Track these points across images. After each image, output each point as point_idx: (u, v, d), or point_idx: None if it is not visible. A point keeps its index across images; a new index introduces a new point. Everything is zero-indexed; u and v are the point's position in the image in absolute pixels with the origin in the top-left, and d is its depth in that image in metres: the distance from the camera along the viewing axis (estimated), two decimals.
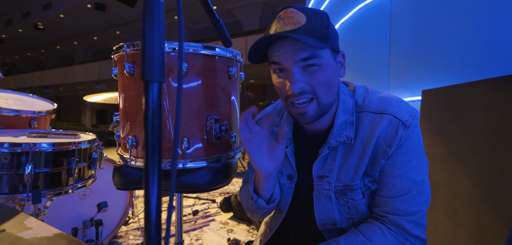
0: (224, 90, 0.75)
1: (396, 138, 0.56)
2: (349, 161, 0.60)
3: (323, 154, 0.62)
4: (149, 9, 0.32)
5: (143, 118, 0.32)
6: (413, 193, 0.57)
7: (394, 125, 0.57)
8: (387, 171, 0.58)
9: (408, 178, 0.57)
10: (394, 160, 0.58)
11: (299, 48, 0.55)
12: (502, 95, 0.81)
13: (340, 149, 0.62)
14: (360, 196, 0.60)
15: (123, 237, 1.77)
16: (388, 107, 0.59)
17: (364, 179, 0.60)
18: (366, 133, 0.59)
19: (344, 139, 0.60)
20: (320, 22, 0.56)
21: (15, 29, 13.82)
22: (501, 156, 0.80)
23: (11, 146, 0.82)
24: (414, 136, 0.58)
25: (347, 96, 0.64)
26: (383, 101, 0.60)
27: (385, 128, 0.58)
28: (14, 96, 1.43)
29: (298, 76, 0.56)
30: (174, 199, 1.09)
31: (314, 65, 0.56)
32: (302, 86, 0.56)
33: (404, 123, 0.57)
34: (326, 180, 0.62)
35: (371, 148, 0.58)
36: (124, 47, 0.71)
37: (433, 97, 1.20)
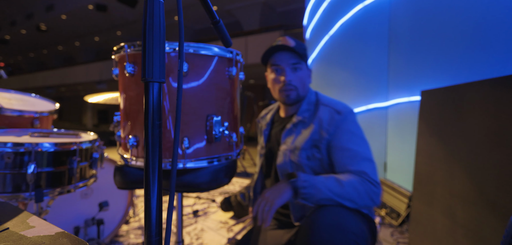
0: (224, 90, 0.76)
1: (333, 121, 0.89)
2: (303, 134, 0.92)
3: (289, 127, 0.96)
4: (149, 9, 0.33)
5: (144, 118, 0.33)
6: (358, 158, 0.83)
7: (331, 113, 0.91)
8: (337, 146, 0.86)
9: (354, 149, 0.85)
10: (340, 138, 0.87)
11: (291, 56, 0.94)
12: (500, 95, 0.81)
13: (299, 126, 0.95)
14: (304, 157, 0.90)
15: (124, 236, 1.77)
16: (332, 103, 0.95)
17: (313, 149, 0.89)
18: (317, 118, 0.92)
19: (302, 118, 0.94)
20: (302, 47, 0.96)
21: (18, 30, 13.90)
22: (499, 156, 0.80)
23: (14, 145, 0.83)
24: (350, 120, 0.89)
25: (312, 95, 1.00)
26: (330, 100, 0.97)
27: (326, 114, 0.91)
28: (17, 96, 1.44)
29: (290, 74, 0.95)
30: (175, 198, 1.10)
31: (298, 69, 0.95)
32: (291, 79, 0.94)
33: (337, 111, 0.91)
34: (286, 143, 0.95)
35: (317, 127, 0.90)
36: (125, 47, 0.71)
37: (432, 97, 1.20)
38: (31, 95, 1.51)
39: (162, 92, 0.34)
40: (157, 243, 0.33)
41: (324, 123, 0.89)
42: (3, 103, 1.22)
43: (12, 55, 19.15)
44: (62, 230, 0.42)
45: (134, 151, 0.74)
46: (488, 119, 0.85)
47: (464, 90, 0.99)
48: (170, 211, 0.35)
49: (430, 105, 1.21)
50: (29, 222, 0.44)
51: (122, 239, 1.73)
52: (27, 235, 0.40)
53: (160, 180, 0.33)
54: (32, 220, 0.45)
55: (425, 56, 1.45)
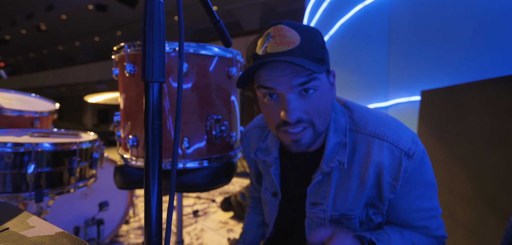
0: (224, 90, 0.76)
1: (401, 170, 0.52)
2: (346, 188, 0.55)
3: (316, 180, 0.57)
4: (149, 9, 0.33)
5: (144, 118, 0.33)
6: (432, 220, 0.57)
7: (396, 156, 0.52)
8: (404, 208, 0.55)
9: (425, 208, 0.55)
10: (409, 195, 0.54)
11: (295, 72, 0.48)
12: (500, 95, 0.82)
13: (335, 174, 0.56)
14: (357, 225, 0.56)
15: (124, 236, 1.77)
16: (388, 133, 0.53)
17: (368, 209, 0.56)
18: (363, 159, 0.54)
19: (336, 164, 0.55)
20: (316, 42, 0.50)
21: (18, 30, 13.89)
22: (499, 155, 0.80)
23: (14, 145, 0.83)
24: (423, 166, 0.54)
25: (339, 114, 0.58)
26: (381, 124, 0.55)
27: (387, 159, 0.52)
28: (17, 96, 1.44)
29: (295, 104, 0.50)
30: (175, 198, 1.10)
31: (311, 90, 0.50)
32: (300, 114, 0.50)
33: (406, 153, 0.52)
34: (321, 208, 0.57)
35: (371, 177, 0.53)
36: (125, 47, 0.72)
37: (432, 97, 1.20)
38: (31, 95, 1.52)
39: (162, 92, 0.34)
40: (157, 243, 0.33)
41: (386, 171, 0.53)
42: (3, 103, 1.22)
43: (12, 55, 19.14)
44: (62, 230, 0.42)
45: (134, 151, 0.74)
46: (488, 119, 0.85)
47: (464, 90, 0.99)
48: (170, 211, 0.34)
49: (430, 105, 1.21)
50: (29, 222, 0.44)
51: (122, 239, 1.73)
52: (27, 235, 0.40)
53: (160, 180, 0.33)
54: (32, 220, 0.45)
55: (425, 56, 1.45)
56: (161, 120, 0.34)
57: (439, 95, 1.15)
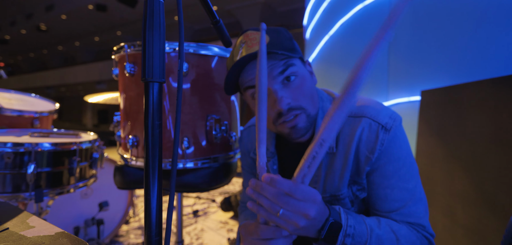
0: (224, 90, 0.76)
1: (377, 143, 0.54)
2: (333, 170, 0.58)
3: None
4: (149, 9, 0.33)
5: (144, 118, 0.33)
6: (409, 204, 0.55)
7: (373, 130, 0.55)
8: (377, 182, 0.56)
9: (400, 187, 0.55)
10: (382, 170, 0.55)
11: (272, 66, 0.53)
12: (499, 95, 0.82)
13: (325, 159, 0.59)
14: (348, 205, 0.58)
15: (124, 236, 1.77)
16: (367, 111, 0.57)
17: (352, 187, 0.58)
18: (346, 139, 0.57)
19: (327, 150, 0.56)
20: (283, 36, 0.55)
21: (18, 30, 13.90)
22: (498, 155, 0.80)
23: (14, 145, 0.83)
24: (399, 141, 0.55)
25: (326, 102, 0.62)
26: (362, 105, 0.58)
27: (365, 133, 0.55)
28: (17, 96, 1.44)
29: (282, 93, 0.54)
30: (175, 198, 1.10)
31: (291, 76, 0.54)
32: (289, 101, 0.54)
33: (384, 126, 0.54)
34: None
35: (352, 154, 0.56)
36: (125, 47, 0.71)
37: (432, 97, 1.20)
38: (31, 95, 1.52)
39: (162, 92, 0.34)
40: (157, 243, 0.33)
41: (362, 144, 0.55)
42: (3, 103, 1.22)
43: (12, 55, 19.15)
44: (62, 230, 0.42)
45: (134, 151, 0.74)
46: (488, 119, 0.85)
47: (464, 90, 0.99)
48: (170, 211, 0.35)
49: (430, 105, 1.21)
50: (29, 222, 0.44)
51: (122, 239, 1.73)
52: (27, 235, 0.40)
53: (160, 180, 0.33)
54: (32, 220, 0.45)
55: (425, 56, 1.45)
56: (161, 120, 0.34)
57: (439, 95, 1.15)
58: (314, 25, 2.81)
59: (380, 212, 0.57)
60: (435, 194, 1.12)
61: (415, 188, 0.56)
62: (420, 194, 0.57)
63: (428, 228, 0.56)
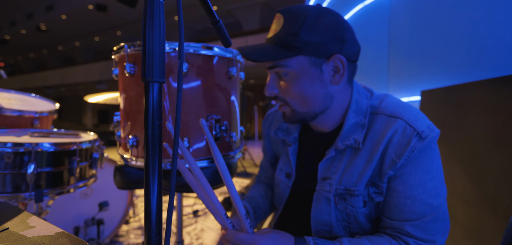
0: (224, 90, 0.76)
1: (407, 149, 0.50)
2: (355, 164, 0.56)
3: (329, 155, 0.58)
4: (149, 9, 0.33)
5: (144, 118, 0.33)
6: (427, 218, 0.51)
7: (407, 134, 0.51)
8: (398, 190, 0.52)
9: (423, 201, 0.51)
10: (407, 178, 0.51)
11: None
12: (500, 95, 0.82)
13: (348, 152, 0.57)
14: (360, 204, 0.56)
15: (124, 236, 1.77)
16: (404, 113, 0.53)
17: (369, 188, 0.55)
18: (376, 137, 0.54)
19: (352, 143, 0.56)
20: (291, 29, 0.53)
21: (18, 30, 13.90)
22: (499, 155, 0.80)
23: (14, 145, 0.83)
24: (431, 154, 0.52)
25: (362, 96, 0.59)
26: (400, 106, 0.55)
27: (397, 135, 0.52)
28: (17, 96, 1.44)
29: (270, 82, 0.58)
30: (175, 198, 1.10)
31: (282, 73, 0.56)
32: (271, 91, 0.58)
33: (419, 133, 0.51)
34: (328, 182, 0.58)
35: (379, 154, 0.53)
36: (125, 47, 0.71)
37: (432, 97, 1.20)
38: (31, 95, 1.52)
39: (162, 92, 0.34)
40: (157, 243, 0.33)
41: (392, 146, 0.52)
42: (3, 103, 1.22)
43: (12, 55, 19.15)
44: (62, 230, 0.42)
45: (134, 151, 0.74)
46: (488, 119, 0.85)
47: (464, 90, 0.99)
48: (170, 211, 0.34)
49: (430, 105, 1.21)
50: (29, 222, 0.44)
51: (122, 239, 1.73)
52: (27, 235, 0.40)
53: (160, 180, 0.33)
54: (32, 220, 0.45)
55: (425, 56, 1.45)
56: (161, 120, 0.34)
57: (439, 95, 1.15)
58: None
59: (393, 219, 0.54)
60: None
61: (439, 207, 0.52)
62: (443, 214, 0.52)
63: None
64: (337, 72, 0.56)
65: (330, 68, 0.56)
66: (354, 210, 0.56)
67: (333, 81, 0.57)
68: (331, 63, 0.56)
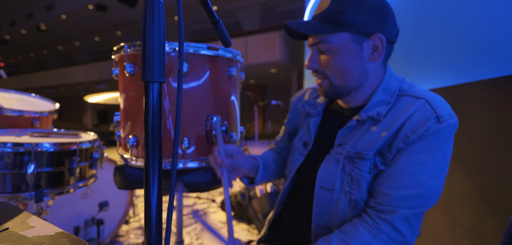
0: (224, 90, 0.76)
1: (423, 127, 0.53)
2: (371, 133, 0.58)
3: (350, 124, 0.62)
4: (149, 9, 0.33)
5: (144, 118, 0.33)
6: (412, 197, 0.54)
7: (427, 115, 0.53)
8: (400, 162, 0.55)
9: (417, 177, 0.54)
10: (412, 156, 0.54)
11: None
12: (500, 95, 0.82)
13: (368, 123, 0.60)
14: (367, 169, 0.58)
15: (124, 236, 1.77)
16: (430, 96, 0.56)
17: (376, 157, 0.58)
18: (398, 113, 0.57)
19: (374, 115, 0.59)
20: (338, 6, 0.57)
21: (18, 30, 13.90)
22: (499, 155, 0.80)
23: (14, 145, 0.83)
24: (443, 140, 0.53)
25: (393, 78, 0.63)
26: (428, 92, 0.58)
27: (417, 114, 0.54)
28: (17, 96, 1.44)
29: (312, 57, 0.62)
30: (175, 198, 1.10)
31: (324, 48, 0.60)
32: (312, 65, 0.62)
33: (438, 117, 0.53)
34: (343, 147, 0.62)
35: (396, 127, 0.56)
36: (125, 47, 0.72)
37: None
38: (31, 95, 1.51)
39: (162, 92, 0.34)
40: (157, 243, 0.33)
41: (409, 123, 0.54)
42: (3, 103, 1.22)
43: (12, 55, 19.15)
44: (62, 230, 0.42)
45: (134, 151, 0.74)
46: (488, 119, 0.85)
47: (464, 90, 0.99)
48: (170, 211, 0.35)
49: None
50: (29, 222, 0.44)
51: (122, 239, 1.73)
52: (27, 235, 0.40)
53: (160, 180, 0.33)
54: (32, 220, 0.45)
55: (425, 56, 1.45)
56: (161, 120, 0.34)
57: (439, 95, 1.15)
58: None
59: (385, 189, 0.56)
60: None
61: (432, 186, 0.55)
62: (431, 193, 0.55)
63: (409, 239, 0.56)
64: (376, 50, 0.60)
65: (369, 46, 0.59)
66: (360, 173, 0.59)
67: (372, 58, 0.60)
68: (371, 42, 0.59)
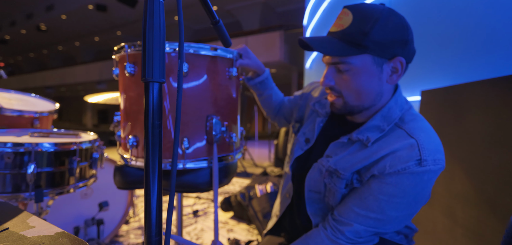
0: (224, 91, 0.76)
1: (401, 165, 0.53)
2: (355, 156, 0.59)
3: (341, 140, 0.64)
4: (149, 9, 0.33)
5: (144, 118, 0.33)
6: (371, 218, 0.57)
7: (410, 155, 0.53)
8: (371, 186, 0.57)
9: (381, 207, 0.55)
10: (384, 185, 0.55)
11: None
12: (500, 95, 0.82)
13: (356, 145, 0.61)
14: (342, 186, 0.61)
15: (124, 236, 1.77)
16: (422, 137, 0.54)
17: (354, 175, 0.60)
18: (385, 144, 0.57)
19: (363, 139, 0.59)
20: (361, 28, 0.55)
21: (18, 30, 13.90)
22: (499, 155, 0.80)
23: (14, 145, 0.83)
24: (419, 182, 0.53)
25: (397, 106, 0.61)
26: (424, 131, 0.56)
27: (403, 151, 0.54)
28: (17, 96, 1.44)
29: (329, 74, 0.61)
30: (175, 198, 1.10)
31: (343, 68, 0.58)
32: (331, 84, 0.61)
33: (421, 160, 0.52)
34: (328, 159, 0.65)
35: (378, 157, 0.56)
36: (125, 47, 0.72)
37: (432, 97, 1.20)
38: (31, 95, 1.51)
39: (162, 92, 0.34)
40: (157, 243, 0.33)
41: (392, 158, 0.55)
42: (3, 103, 1.22)
43: (12, 55, 19.15)
44: (62, 230, 0.42)
45: (134, 151, 0.74)
46: (488, 119, 0.85)
47: (464, 90, 0.99)
48: (170, 211, 0.35)
49: (430, 105, 1.21)
50: (29, 222, 0.44)
51: (122, 239, 1.73)
52: (27, 235, 0.40)
53: (160, 180, 0.33)
54: (32, 220, 0.45)
55: (425, 56, 1.45)
56: (161, 120, 0.34)
57: (439, 95, 1.15)
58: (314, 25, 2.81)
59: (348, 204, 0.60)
60: (435, 194, 1.12)
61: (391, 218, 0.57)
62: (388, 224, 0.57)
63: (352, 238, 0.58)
64: (395, 72, 0.59)
65: (389, 68, 0.59)
66: (335, 188, 0.62)
67: (390, 80, 0.60)
68: (391, 64, 0.59)
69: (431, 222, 1.12)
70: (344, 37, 0.56)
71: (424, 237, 1.17)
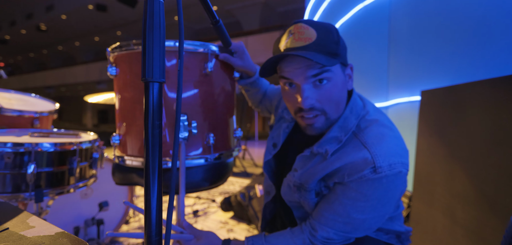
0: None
1: (358, 174, 0.56)
2: (317, 169, 0.62)
3: (304, 154, 0.65)
4: (149, 9, 0.33)
5: (143, 118, 0.33)
6: (339, 222, 0.59)
7: (365, 165, 0.55)
8: (336, 192, 0.60)
9: (346, 211, 0.58)
10: (347, 190, 0.57)
11: (309, 65, 0.56)
12: (500, 95, 0.82)
13: (318, 157, 0.63)
14: (312, 196, 0.63)
15: None
16: (376, 147, 0.56)
17: (321, 183, 0.62)
18: (343, 155, 0.59)
19: (323, 152, 0.61)
20: (331, 38, 0.57)
21: (18, 30, 13.90)
22: (499, 155, 0.80)
23: (14, 145, 0.83)
24: (379, 185, 0.55)
25: (352, 116, 0.62)
26: (378, 138, 0.57)
27: (357, 162, 0.56)
28: (17, 96, 1.44)
29: (308, 93, 0.58)
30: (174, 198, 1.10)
31: (324, 80, 0.57)
32: (313, 102, 0.58)
33: (375, 168, 0.54)
34: (293, 173, 0.67)
35: (336, 167, 0.59)
36: (107, 51, 0.72)
37: (432, 97, 1.20)
38: (31, 95, 1.51)
39: (162, 92, 0.34)
40: (157, 243, 0.33)
41: (349, 168, 0.57)
42: (3, 103, 1.22)
43: (12, 55, 19.15)
44: (62, 230, 0.42)
45: (121, 149, 0.74)
46: (488, 119, 0.85)
47: (464, 90, 0.99)
48: (170, 211, 0.35)
49: (430, 105, 1.21)
50: (29, 222, 0.44)
51: (122, 239, 1.73)
52: (27, 235, 0.40)
53: (160, 180, 0.33)
54: (32, 220, 0.45)
55: (425, 56, 1.45)
56: (161, 120, 0.34)
57: (439, 95, 1.15)
58: None
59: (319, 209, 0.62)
60: (435, 194, 1.12)
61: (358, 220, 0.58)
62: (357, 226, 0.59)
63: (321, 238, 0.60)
64: (350, 78, 0.64)
65: (348, 74, 0.63)
66: (306, 199, 0.64)
67: (348, 86, 0.63)
68: (348, 70, 0.63)
69: (431, 222, 1.12)
70: (319, 47, 0.55)
71: (424, 237, 1.17)
